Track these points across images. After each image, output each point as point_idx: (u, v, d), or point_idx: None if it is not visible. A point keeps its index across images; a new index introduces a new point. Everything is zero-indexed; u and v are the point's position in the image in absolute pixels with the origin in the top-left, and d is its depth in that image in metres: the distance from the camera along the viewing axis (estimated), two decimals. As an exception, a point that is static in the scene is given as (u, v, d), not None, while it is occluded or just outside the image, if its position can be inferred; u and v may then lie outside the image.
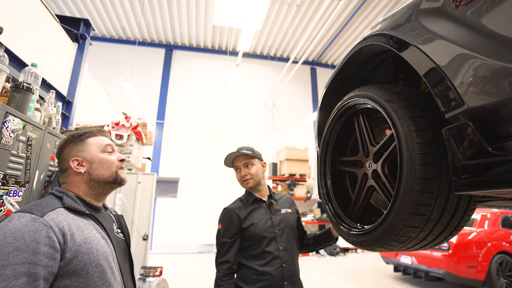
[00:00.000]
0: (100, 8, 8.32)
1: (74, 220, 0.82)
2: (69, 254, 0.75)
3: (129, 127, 2.70)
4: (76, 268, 0.75)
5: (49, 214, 0.77)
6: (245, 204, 1.54)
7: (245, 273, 1.39)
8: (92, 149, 0.97)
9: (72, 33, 3.05)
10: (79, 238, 0.78)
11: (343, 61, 1.16)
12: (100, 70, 8.89)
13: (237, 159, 1.54)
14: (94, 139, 0.99)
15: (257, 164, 1.55)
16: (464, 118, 0.64)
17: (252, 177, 1.52)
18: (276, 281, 1.35)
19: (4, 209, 1.28)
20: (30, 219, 0.72)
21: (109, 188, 0.98)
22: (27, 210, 0.75)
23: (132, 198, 3.54)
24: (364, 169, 1.09)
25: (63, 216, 0.79)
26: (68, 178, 0.94)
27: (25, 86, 1.41)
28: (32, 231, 0.70)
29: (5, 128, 1.23)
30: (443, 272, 3.90)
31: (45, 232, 0.72)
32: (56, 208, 0.80)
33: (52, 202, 0.82)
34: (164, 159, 8.87)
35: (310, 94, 10.91)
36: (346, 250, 8.09)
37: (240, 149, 1.54)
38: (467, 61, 0.62)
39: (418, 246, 0.89)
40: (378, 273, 5.50)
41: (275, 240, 1.43)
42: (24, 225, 0.70)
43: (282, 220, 1.51)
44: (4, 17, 1.95)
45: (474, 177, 0.61)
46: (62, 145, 0.98)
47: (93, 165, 0.95)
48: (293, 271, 1.42)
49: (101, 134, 1.03)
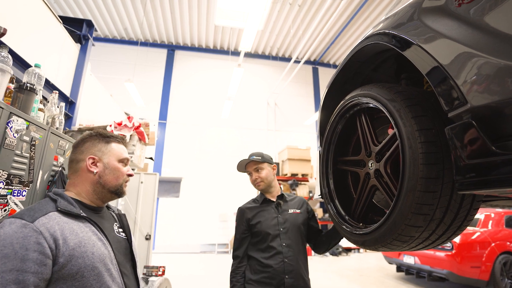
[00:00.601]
0: (103, 9, 8.36)
1: (68, 223, 0.80)
2: (62, 258, 0.74)
3: (132, 127, 2.71)
4: (70, 272, 0.75)
5: (40, 219, 0.75)
6: (256, 203, 1.70)
7: (252, 263, 1.57)
8: (111, 154, 0.97)
9: (75, 34, 3.07)
10: (72, 242, 0.77)
11: (345, 60, 1.16)
12: (102, 71, 8.94)
13: (248, 164, 1.70)
14: (117, 146, 1.01)
15: (267, 168, 1.69)
16: (467, 117, 0.63)
17: (262, 180, 1.66)
18: (277, 274, 1.48)
19: (9, 208, 1.29)
20: (20, 225, 0.71)
21: (109, 196, 0.98)
22: (19, 216, 0.74)
23: (134, 198, 3.55)
24: (366, 169, 1.09)
25: (56, 221, 0.78)
26: (78, 173, 0.94)
27: (29, 87, 1.42)
28: (21, 237, 0.69)
29: (9, 129, 1.24)
30: (446, 272, 3.87)
31: (35, 238, 0.71)
32: (49, 213, 0.79)
33: (45, 206, 0.81)
34: (167, 159, 8.91)
35: (312, 93, 10.90)
36: (349, 250, 8.07)
37: (251, 156, 1.69)
38: (470, 59, 0.62)
39: (421, 245, 0.88)
40: (381, 273, 5.48)
41: (279, 237, 1.56)
42: (13, 232, 0.70)
43: (288, 219, 1.62)
44: (8, 18, 1.97)
45: (478, 176, 0.61)
46: (86, 138, 0.98)
47: (106, 170, 0.95)
48: (295, 266, 1.52)
49: (124, 144, 1.05)
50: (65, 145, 1.79)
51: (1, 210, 1.24)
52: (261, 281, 1.49)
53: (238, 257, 1.59)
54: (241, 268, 1.57)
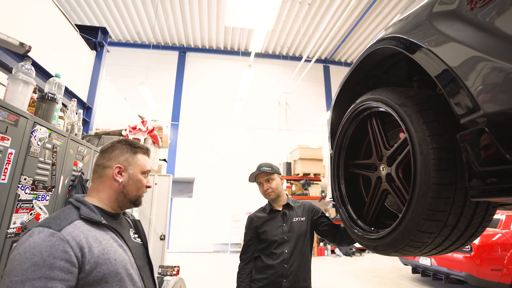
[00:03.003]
0: (116, 14, 8.59)
1: (91, 231, 0.84)
2: (88, 266, 0.78)
3: (146, 131, 2.79)
4: (96, 278, 0.79)
5: (67, 228, 0.79)
6: (264, 213, 1.81)
7: (257, 264, 1.70)
8: (136, 166, 1.01)
9: (91, 42, 3.17)
10: (96, 249, 0.81)
11: (356, 63, 1.15)
12: (116, 74, 9.18)
13: (259, 175, 1.78)
14: (143, 158, 1.04)
15: (277, 178, 1.78)
16: (480, 123, 0.62)
17: (273, 191, 1.75)
18: (276, 277, 1.60)
19: (34, 212, 1.36)
20: (48, 234, 0.75)
21: (128, 205, 1.02)
22: (46, 225, 0.78)
23: (149, 199, 3.64)
24: (378, 173, 1.08)
25: (80, 229, 0.82)
26: (102, 179, 0.97)
27: (50, 97, 1.50)
28: (49, 246, 0.73)
29: (33, 137, 1.31)
30: (465, 274, 3.76)
31: (62, 247, 0.74)
32: (74, 221, 0.83)
33: (70, 214, 0.85)
34: (180, 160, 9.05)
35: (324, 92, 10.79)
36: (362, 250, 7.95)
37: (261, 167, 1.77)
38: (483, 65, 0.61)
39: (434, 251, 0.88)
40: (396, 274, 5.38)
41: (283, 244, 1.67)
42: (42, 240, 0.73)
43: (293, 227, 1.71)
44: (32, 31, 2.07)
45: (491, 184, 0.60)
46: (115, 145, 1.01)
47: (130, 181, 0.98)
48: (294, 272, 1.61)
49: (148, 155, 1.07)
50: (83, 151, 1.87)
51: (28, 214, 1.31)
52: (261, 281, 1.62)
53: (244, 260, 1.73)
54: (246, 269, 1.70)
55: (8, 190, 1.27)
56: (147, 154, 1.07)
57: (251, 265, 1.71)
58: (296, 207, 1.80)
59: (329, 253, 7.85)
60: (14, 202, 1.29)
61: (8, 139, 1.24)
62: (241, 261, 1.75)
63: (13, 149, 1.26)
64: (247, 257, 1.72)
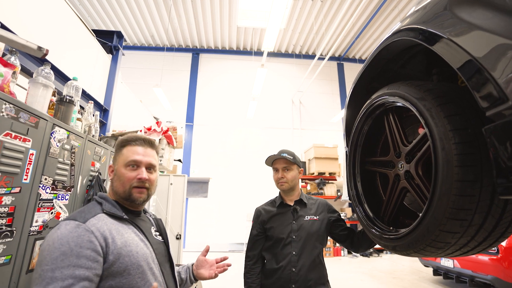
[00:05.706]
0: (131, 18, 8.81)
1: (114, 224, 0.87)
2: (111, 256, 0.80)
3: (160, 132, 2.83)
4: (119, 269, 0.81)
5: (91, 220, 0.83)
6: (273, 206, 1.65)
7: (265, 268, 1.55)
8: (119, 161, 0.97)
9: (106, 46, 3.27)
10: (119, 241, 0.83)
11: (370, 58, 1.11)
12: (132, 77, 9.42)
13: (277, 161, 1.61)
14: (127, 150, 0.97)
15: (295, 170, 1.61)
16: (508, 116, 0.58)
17: (287, 181, 1.58)
18: (285, 282, 1.45)
19: (54, 211, 1.41)
20: (74, 226, 0.79)
21: (127, 203, 0.96)
22: (72, 218, 0.82)
23: (165, 199, 3.71)
24: (396, 170, 1.04)
25: (104, 221, 0.85)
26: (110, 181, 1.01)
27: (68, 99, 1.55)
28: (75, 236, 0.77)
29: (53, 139, 1.36)
30: (491, 277, 3.57)
31: (87, 237, 0.78)
32: (97, 214, 0.86)
33: (94, 209, 0.89)
34: (195, 160, 9.17)
35: (338, 90, 10.61)
36: (380, 251, 7.75)
37: (282, 152, 1.60)
38: (509, 52, 0.57)
39: (459, 252, 0.83)
40: (416, 276, 5.20)
41: (291, 244, 1.50)
42: (69, 232, 0.77)
43: (303, 226, 1.54)
44: (51, 36, 2.15)
45: (522, 180, 0.56)
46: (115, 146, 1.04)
47: (115, 177, 0.97)
48: (302, 276, 1.45)
49: (138, 144, 0.99)
50: (100, 151, 1.92)
51: (49, 213, 1.36)
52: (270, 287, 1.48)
53: (251, 258, 1.57)
54: (256, 269, 1.55)
55: (30, 190, 1.32)
56: (137, 144, 0.99)
57: (260, 265, 1.56)
58: (309, 204, 1.62)
59: (346, 253, 7.71)
60: (36, 201, 1.34)
61: (29, 140, 1.29)
62: (248, 259, 1.58)
63: (34, 150, 1.31)
64: (255, 255, 1.56)
